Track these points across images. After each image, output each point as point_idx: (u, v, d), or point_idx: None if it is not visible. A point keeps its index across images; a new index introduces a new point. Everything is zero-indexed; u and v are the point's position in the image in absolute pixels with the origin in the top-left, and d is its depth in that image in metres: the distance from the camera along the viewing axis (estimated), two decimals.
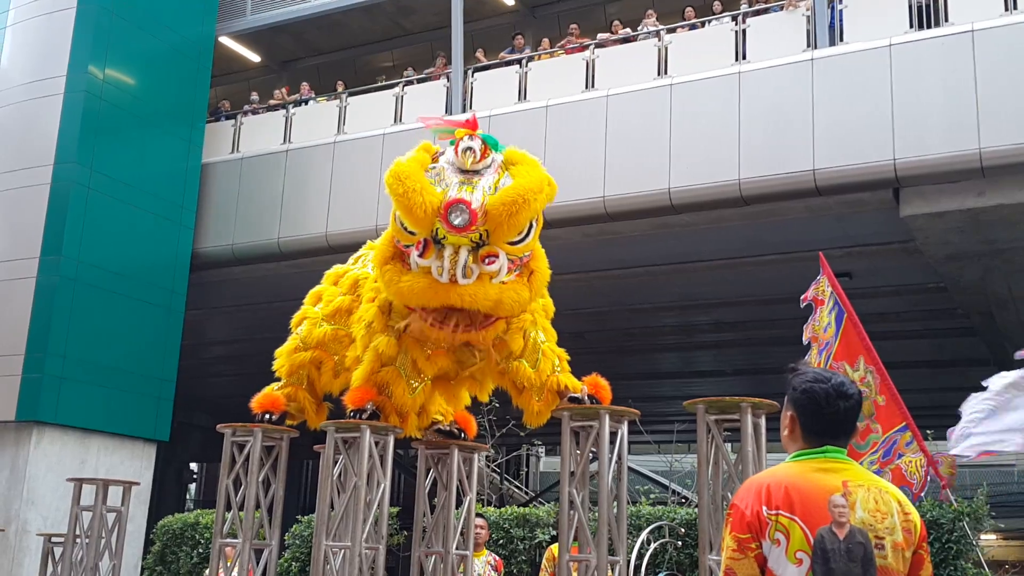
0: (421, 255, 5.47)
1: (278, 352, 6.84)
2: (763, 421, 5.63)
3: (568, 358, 6.11)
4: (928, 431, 9.37)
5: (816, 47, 13.91)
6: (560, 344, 6.44)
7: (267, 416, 6.64)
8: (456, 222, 5.35)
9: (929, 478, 8.58)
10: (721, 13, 15.90)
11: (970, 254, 13.59)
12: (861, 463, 8.08)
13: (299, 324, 6.76)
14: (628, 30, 16.60)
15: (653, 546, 9.59)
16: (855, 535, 2.89)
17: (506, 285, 5.48)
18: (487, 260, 5.40)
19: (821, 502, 2.92)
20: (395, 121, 17.00)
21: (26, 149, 16.03)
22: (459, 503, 6.81)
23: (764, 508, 2.93)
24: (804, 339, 9.02)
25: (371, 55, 22.20)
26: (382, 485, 6.07)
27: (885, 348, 8.50)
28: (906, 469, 8.52)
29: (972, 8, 13.25)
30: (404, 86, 17.71)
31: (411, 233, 5.54)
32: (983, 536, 10.30)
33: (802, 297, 9.04)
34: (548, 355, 5.98)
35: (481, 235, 5.37)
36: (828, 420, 3.08)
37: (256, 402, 6.71)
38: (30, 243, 15.41)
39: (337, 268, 6.86)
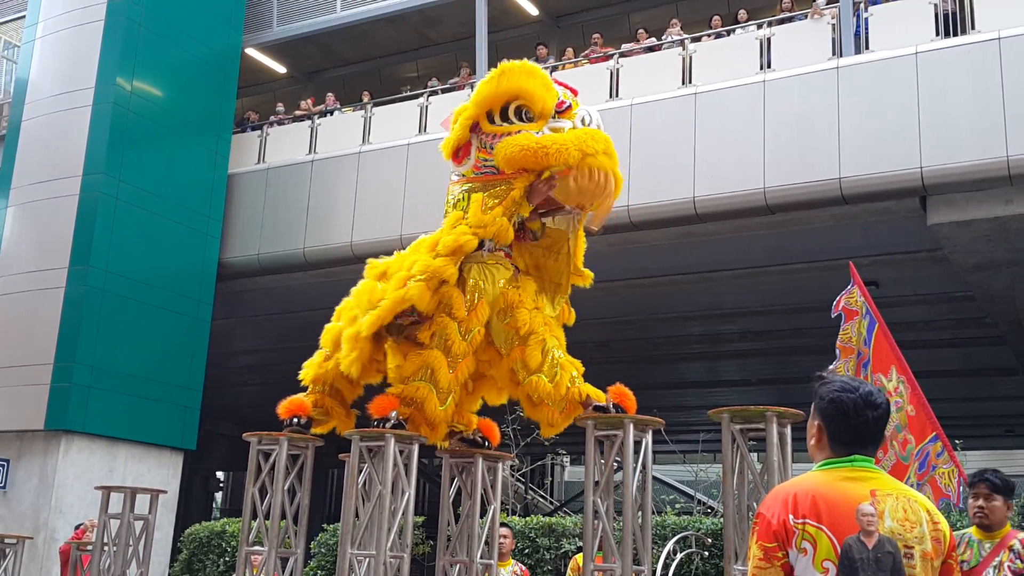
0: (565, 111, 5.98)
1: (306, 364, 6.84)
2: (788, 430, 5.59)
3: (583, 370, 6.10)
4: (956, 441, 9.29)
5: (842, 55, 13.86)
6: (585, 353, 6.44)
7: (295, 420, 6.63)
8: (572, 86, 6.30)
9: (961, 488, 8.49)
10: (746, 22, 15.87)
11: (998, 262, 13.49)
12: (908, 476, 8.03)
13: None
14: (652, 39, 16.60)
15: (679, 556, 9.55)
16: (884, 544, 2.86)
17: None
18: None
19: (849, 511, 2.89)
20: (420, 131, 17.05)
21: (55, 160, 16.19)
22: (484, 512, 6.80)
23: (791, 517, 2.91)
24: (837, 349, 8.95)
25: (396, 65, 22.30)
26: (407, 494, 6.07)
27: (912, 357, 8.42)
28: (941, 481, 8.43)
29: (999, 16, 13.17)
30: (429, 96, 17.77)
31: (531, 115, 5.95)
32: None
33: (834, 306, 8.98)
34: (566, 368, 5.99)
35: None
36: (856, 429, 3.06)
37: (283, 407, 6.71)
38: (59, 253, 15.55)
39: (363, 284, 6.84)
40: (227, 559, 13.09)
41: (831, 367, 8.12)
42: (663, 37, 16.50)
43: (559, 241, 6.33)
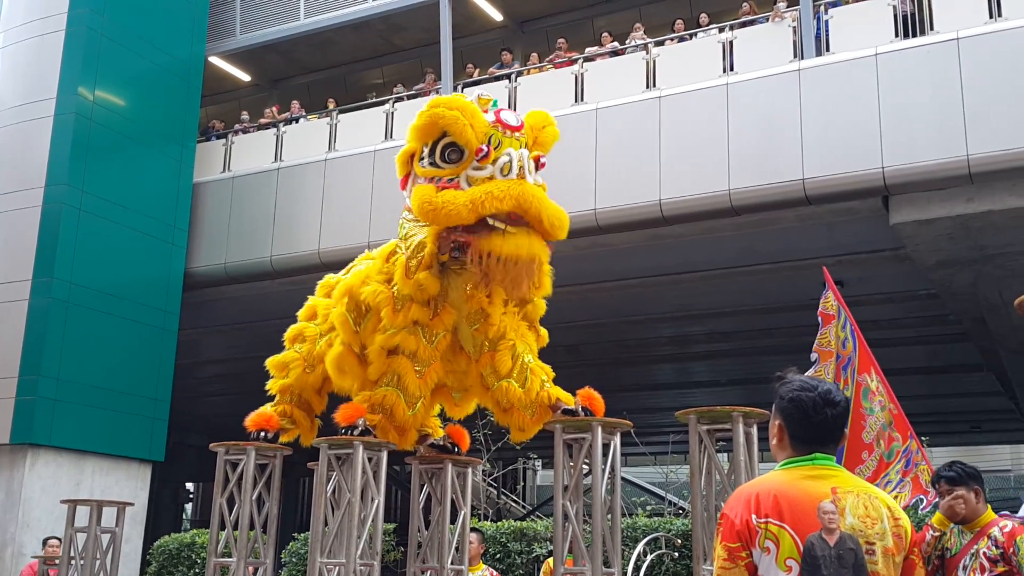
0: (483, 159, 5.63)
1: (274, 364, 6.74)
2: (755, 430, 5.63)
3: (554, 375, 6.12)
4: (924, 438, 9.36)
5: (803, 57, 13.98)
6: (555, 357, 6.46)
7: (262, 434, 6.63)
8: (511, 120, 5.83)
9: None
10: (708, 25, 15.97)
11: (961, 260, 13.64)
12: (888, 473, 8.10)
13: (295, 339, 6.73)
14: (616, 43, 16.66)
15: (650, 558, 9.59)
16: (846, 541, 2.89)
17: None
18: (540, 165, 5.87)
19: (810, 509, 2.92)
20: (386, 137, 17.03)
21: (17, 171, 16.03)
22: (454, 518, 6.80)
23: (753, 516, 2.94)
24: (812, 355, 9.01)
25: (361, 72, 22.24)
26: (376, 501, 6.07)
27: (878, 356, 8.49)
28: (922, 478, 8.52)
29: (957, 16, 13.33)
30: (394, 102, 17.74)
31: (453, 158, 5.73)
32: None
33: (818, 312, 9.05)
34: (536, 372, 6.01)
35: (525, 145, 5.81)
36: (816, 428, 3.09)
37: (251, 420, 6.70)
38: (22, 265, 15.39)
39: (329, 278, 6.82)
40: (197, 570, 13.01)
41: (810, 371, 8.16)
42: (627, 41, 16.57)
43: None
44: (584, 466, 5.86)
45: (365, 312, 6.04)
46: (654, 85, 15.03)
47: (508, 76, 16.83)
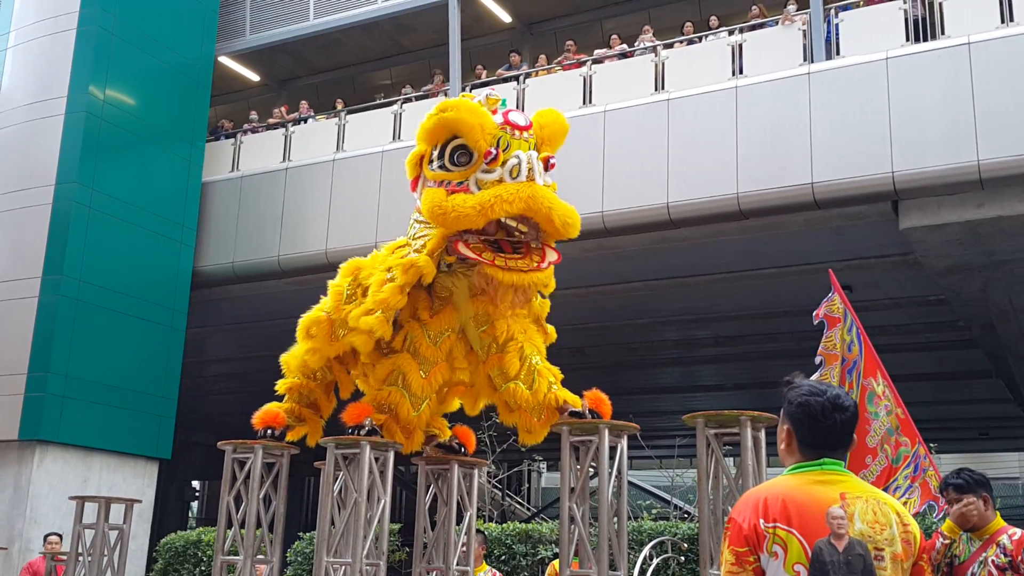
0: (492, 161, 5.67)
1: (287, 360, 6.70)
2: (763, 435, 5.62)
3: (562, 376, 6.12)
4: (932, 444, 9.34)
5: (813, 61, 13.96)
6: (561, 359, 6.45)
7: (268, 432, 6.63)
8: (520, 121, 5.87)
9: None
10: (718, 28, 15.95)
11: (970, 266, 13.60)
12: (896, 479, 8.08)
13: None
14: (625, 46, 16.65)
15: (655, 561, 9.57)
16: (854, 547, 2.88)
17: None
18: (549, 165, 5.87)
19: (819, 514, 2.92)
20: (394, 138, 17.05)
21: (28, 169, 16.09)
22: (460, 519, 6.80)
23: (761, 521, 2.94)
24: (817, 358, 8.98)
25: (369, 73, 22.27)
26: (382, 501, 6.07)
27: (886, 361, 8.47)
28: (930, 483, 8.50)
29: (968, 21, 13.29)
30: (403, 103, 17.76)
31: (463, 161, 5.77)
32: None
33: (814, 314, 9.03)
34: (544, 374, 6.00)
35: (534, 145, 5.85)
36: (825, 433, 3.09)
37: (257, 418, 6.70)
38: (32, 263, 15.45)
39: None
40: (203, 568, 13.03)
41: (815, 375, 8.13)
42: (635, 43, 16.56)
43: None
44: (591, 468, 5.85)
45: (361, 295, 6.06)
46: (663, 87, 15.02)
47: (516, 78, 16.84)
